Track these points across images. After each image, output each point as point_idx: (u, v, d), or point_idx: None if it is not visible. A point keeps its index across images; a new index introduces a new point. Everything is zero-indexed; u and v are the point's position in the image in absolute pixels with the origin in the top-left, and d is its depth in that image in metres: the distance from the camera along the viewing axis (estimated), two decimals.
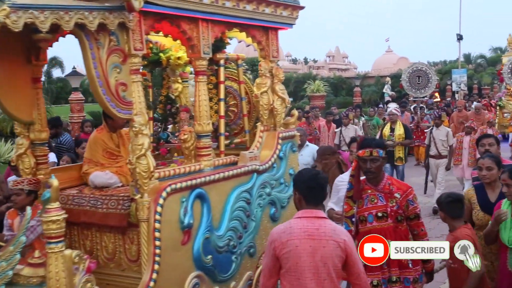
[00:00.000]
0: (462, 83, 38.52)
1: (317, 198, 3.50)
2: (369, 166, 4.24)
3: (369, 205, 4.33)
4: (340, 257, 3.37)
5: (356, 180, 4.34)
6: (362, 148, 4.29)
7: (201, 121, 4.92)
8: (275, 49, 5.72)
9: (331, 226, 3.46)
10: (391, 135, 10.64)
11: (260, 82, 5.62)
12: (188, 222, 4.52)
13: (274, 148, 5.58)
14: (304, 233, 3.36)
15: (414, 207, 4.30)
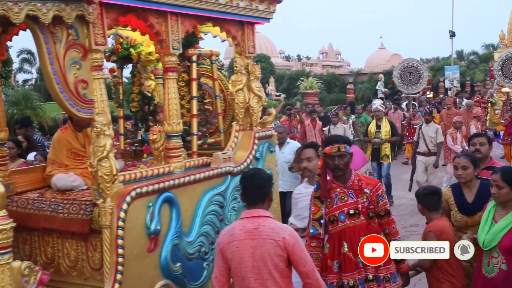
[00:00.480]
0: (455, 79, 38.43)
1: (255, 198, 3.48)
2: (337, 162, 4.05)
3: (339, 203, 4.13)
4: (280, 256, 3.32)
5: (323, 179, 4.13)
6: (329, 144, 4.10)
7: (170, 120, 4.65)
8: (251, 44, 5.44)
9: (271, 224, 3.41)
10: (377, 132, 10.35)
11: (236, 79, 5.35)
12: (155, 228, 4.25)
13: (250, 148, 5.31)
14: (244, 234, 3.37)
15: (384, 202, 4.16)
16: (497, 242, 3.95)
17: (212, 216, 4.81)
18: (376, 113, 10.77)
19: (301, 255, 3.39)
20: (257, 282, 3.33)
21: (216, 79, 5.54)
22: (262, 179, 3.55)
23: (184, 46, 5.02)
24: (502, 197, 4.00)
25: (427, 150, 10.02)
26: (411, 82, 14.36)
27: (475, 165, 4.62)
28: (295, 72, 49.59)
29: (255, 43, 5.50)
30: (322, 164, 4.14)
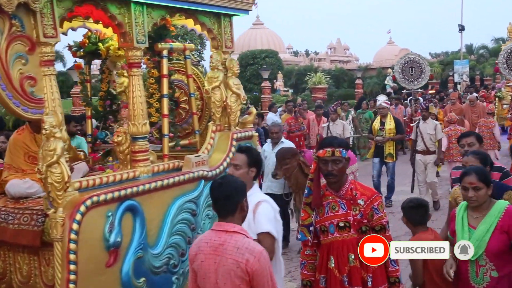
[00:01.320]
0: (464, 74, 37.84)
1: (223, 210, 3.07)
2: (331, 168, 3.59)
3: (330, 213, 3.69)
4: (241, 279, 2.94)
5: (316, 185, 3.69)
6: (322, 147, 3.65)
7: (135, 121, 4.22)
8: (229, 38, 4.99)
9: (237, 243, 2.98)
10: (381, 129, 9.70)
11: (212, 76, 4.92)
12: (115, 240, 3.83)
13: (228, 150, 4.88)
14: (209, 248, 3.04)
15: (380, 216, 3.63)
16: (484, 248, 3.56)
17: (183, 225, 4.38)
18: (381, 110, 10.06)
19: (264, 281, 2.96)
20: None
21: (191, 75, 5.09)
22: (232, 188, 3.07)
23: (154, 40, 4.59)
24: (481, 199, 3.62)
25: (425, 148, 9.39)
26: (413, 77, 13.70)
27: (485, 165, 4.20)
28: (303, 68, 49.04)
29: (233, 36, 5.04)
30: (315, 169, 3.69)
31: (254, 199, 3.63)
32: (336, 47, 65.99)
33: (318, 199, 3.70)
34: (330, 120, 11.38)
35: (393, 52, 57.36)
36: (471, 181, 3.61)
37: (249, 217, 3.40)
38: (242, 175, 3.66)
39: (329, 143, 3.66)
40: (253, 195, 3.67)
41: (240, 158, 3.81)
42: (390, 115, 10.13)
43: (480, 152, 4.46)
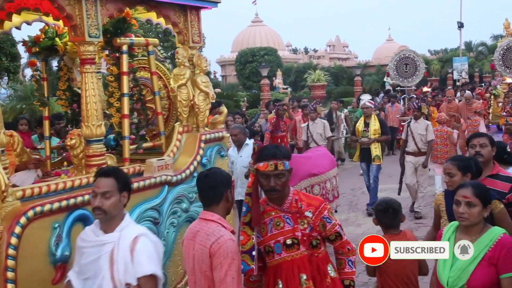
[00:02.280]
0: (463, 71, 37.47)
1: (206, 199, 3.17)
2: (274, 183, 3.11)
3: (274, 231, 3.21)
4: (206, 264, 2.99)
5: (255, 200, 3.19)
6: (263, 159, 3.13)
7: (89, 122, 3.83)
8: (196, 32, 4.58)
9: (209, 229, 3.04)
10: (365, 130, 9.00)
11: (178, 73, 4.52)
12: (62, 254, 3.46)
13: (195, 153, 4.47)
14: (190, 234, 3.14)
15: (333, 224, 3.24)
16: (465, 280, 3.01)
17: None
18: (364, 109, 9.24)
19: (216, 267, 2.94)
20: (195, 285, 3.09)
21: (155, 72, 4.67)
22: (216, 179, 3.15)
23: (112, 34, 4.19)
24: (473, 218, 3.06)
25: (417, 149, 8.73)
26: (407, 74, 13.16)
27: (465, 170, 3.73)
28: (303, 65, 48.56)
29: (201, 30, 4.63)
30: (253, 182, 3.18)
31: (129, 233, 2.95)
32: (335, 45, 65.31)
33: (258, 216, 3.20)
34: (310, 119, 10.49)
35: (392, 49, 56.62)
36: (465, 194, 3.08)
37: (126, 257, 2.89)
38: (114, 205, 2.96)
39: (272, 154, 3.14)
40: (127, 228, 3.00)
41: (107, 184, 2.98)
42: (374, 115, 9.45)
43: (463, 158, 3.95)
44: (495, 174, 4.01)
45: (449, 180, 3.74)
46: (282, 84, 40.95)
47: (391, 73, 13.80)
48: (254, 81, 43.04)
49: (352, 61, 58.07)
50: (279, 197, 3.19)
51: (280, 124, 10.36)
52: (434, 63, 47.23)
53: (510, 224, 3.60)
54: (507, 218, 3.64)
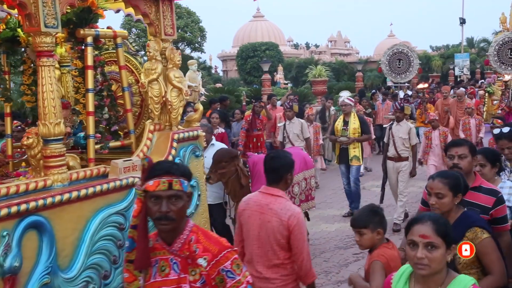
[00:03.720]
0: (465, 67, 37.07)
1: (270, 178, 3.59)
2: (166, 208, 2.38)
3: (157, 277, 2.49)
4: (282, 234, 3.47)
5: (142, 235, 2.48)
6: (153, 176, 2.42)
7: (46, 120, 3.47)
8: (169, 24, 4.23)
9: (280, 204, 3.51)
10: (345, 129, 8.42)
11: (149, 68, 4.17)
12: (11, 264, 3.10)
13: (167, 153, 4.12)
14: (256, 206, 3.55)
15: (237, 281, 2.42)
16: None
17: (107, 242, 3.64)
18: (343, 107, 8.58)
19: (297, 237, 3.46)
20: (260, 249, 3.54)
21: (123, 67, 4.32)
22: (278, 163, 3.59)
23: (76, 25, 3.84)
24: (435, 264, 2.34)
25: (396, 154, 7.93)
26: (400, 70, 12.57)
27: (456, 190, 3.20)
28: (304, 60, 48.18)
29: (174, 22, 4.28)
30: (139, 210, 2.47)
31: None
32: (337, 40, 64.73)
33: (144, 257, 2.47)
34: (286, 118, 9.64)
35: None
36: (424, 233, 2.33)
37: None
38: None
39: (165, 170, 2.43)
40: None
41: None
42: (354, 113, 8.80)
43: (452, 174, 3.32)
44: (477, 187, 3.59)
45: (437, 202, 3.18)
46: (283, 79, 40.67)
47: (384, 69, 13.15)
48: (255, 76, 42.73)
49: (353, 57, 57.56)
50: (173, 230, 2.42)
51: (256, 122, 9.82)
52: (436, 59, 46.83)
53: (497, 259, 3.11)
54: (494, 252, 3.11)
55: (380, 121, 14.17)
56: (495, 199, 3.53)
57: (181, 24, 37.26)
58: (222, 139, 7.88)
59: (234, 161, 5.74)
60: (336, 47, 63.30)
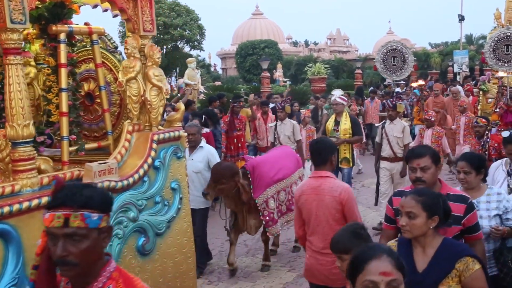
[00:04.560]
0: (464, 64, 36.75)
1: (318, 161, 4.06)
2: (61, 251, 1.87)
3: None
4: (336, 208, 3.94)
5: (43, 279, 2.04)
6: (51, 206, 1.94)
7: (14, 122, 3.25)
8: (148, 20, 3.99)
9: (330, 183, 3.99)
10: (335, 130, 7.97)
11: (127, 66, 3.93)
12: None
13: (146, 155, 3.90)
14: (310, 190, 4.02)
15: None
16: None
17: None
18: (334, 106, 8.11)
19: (350, 208, 3.93)
20: (319, 227, 3.99)
21: (100, 65, 4.09)
22: (323, 147, 4.07)
23: (48, 21, 3.61)
24: None
25: (392, 154, 7.57)
26: (395, 67, 12.15)
27: (432, 211, 2.78)
28: (303, 58, 47.86)
29: (154, 17, 4.05)
30: (43, 247, 2.03)
31: None
32: (336, 38, 64.32)
33: None
34: (278, 119, 9.09)
35: None
36: (384, 270, 1.97)
37: None
38: None
39: (61, 200, 1.90)
40: None
41: None
42: (346, 113, 8.29)
43: (429, 192, 2.92)
44: (445, 195, 3.19)
45: (408, 223, 2.77)
46: (283, 77, 40.40)
47: (378, 67, 12.69)
48: (254, 74, 42.47)
49: (352, 54, 57.22)
50: (79, 276, 1.93)
51: (236, 123, 9.40)
52: (435, 56, 46.58)
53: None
54: (485, 284, 2.74)
55: (370, 120, 13.68)
56: (466, 206, 3.25)
57: (180, 22, 36.98)
58: (208, 140, 7.65)
59: (234, 178, 5.59)
60: (335, 45, 62.92)
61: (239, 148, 9.32)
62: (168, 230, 4.01)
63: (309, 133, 9.60)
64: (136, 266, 3.78)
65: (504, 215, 3.77)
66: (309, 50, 58.63)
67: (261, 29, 54.89)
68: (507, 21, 13.46)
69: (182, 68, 27.12)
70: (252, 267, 6.46)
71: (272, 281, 6.02)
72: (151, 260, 3.89)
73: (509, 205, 3.79)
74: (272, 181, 5.94)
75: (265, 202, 5.81)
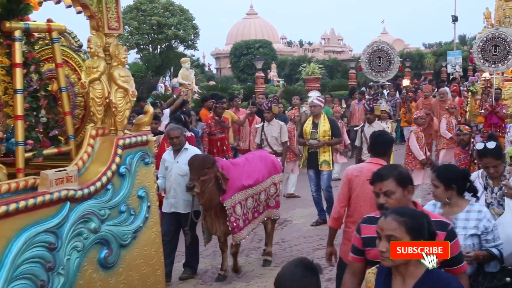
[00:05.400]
0: (457, 65, 36.58)
1: (378, 152, 4.16)
2: None
3: None
4: None
5: None
6: None
7: None
8: (113, 17, 3.71)
9: None
10: (314, 132, 7.59)
11: (90, 66, 3.65)
12: None
13: (110, 161, 3.62)
14: (370, 173, 3.44)
15: None
16: None
17: (33, 265, 3.13)
18: (312, 108, 7.74)
19: None
20: (372, 208, 3.46)
21: (60, 64, 3.79)
22: (385, 139, 4.27)
23: (1, 17, 3.33)
24: None
25: None
26: (381, 68, 11.78)
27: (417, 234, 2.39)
28: (297, 58, 47.53)
29: (120, 15, 3.76)
30: None
31: None
32: (330, 38, 63.93)
33: None
34: (265, 120, 8.72)
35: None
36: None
37: None
38: None
39: None
40: None
41: None
42: (324, 115, 7.91)
43: (412, 212, 2.52)
44: None
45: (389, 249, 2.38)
46: (277, 77, 40.16)
47: (363, 67, 12.22)
48: (248, 74, 42.14)
49: (347, 54, 56.95)
50: None
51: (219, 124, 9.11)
52: (429, 57, 46.42)
53: None
54: None
55: (356, 122, 13.17)
56: (445, 234, 2.75)
57: (174, 21, 36.58)
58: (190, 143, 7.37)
59: (214, 168, 5.28)
60: (330, 45, 62.53)
61: (223, 152, 8.99)
62: (134, 241, 3.73)
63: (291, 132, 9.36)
64: (98, 280, 3.51)
65: (484, 235, 3.34)
66: (303, 50, 58.25)
67: (255, 29, 54.46)
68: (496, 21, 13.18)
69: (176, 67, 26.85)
70: (246, 267, 6.31)
71: (266, 281, 5.82)
72: (114, 273, 3.62)
73: (490, 225, 3.35)
74: (242, 187, 5.64)
75: (232, 207, 5.49)
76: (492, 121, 9.65)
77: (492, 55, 9.84)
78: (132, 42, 35.69)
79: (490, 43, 9.85)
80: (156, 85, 26.73)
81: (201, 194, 5.25)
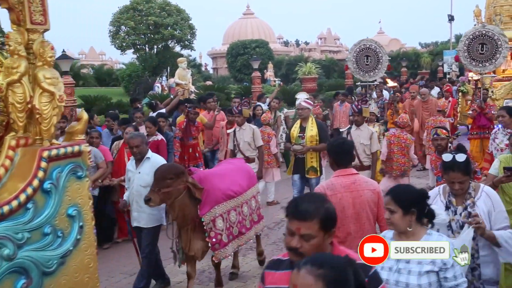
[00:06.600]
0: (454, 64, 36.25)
1: (346, 160, 4.01)
2: None
3: None
4: (374, 202, 3.92)
5: None
6: None
7: None
8: (38, 10, 3.18)
9: (363, 179, 4.05)
10: (301, 136, 6.99)
11: (10, 66, 3.12)
12: None
13: (32, 175, 3.09)
14: (343, 188, 3.86)
15: None
16: None
17: None
18: (300, 111, 7.14)
19: (382, 203, 3.74)
20: (355, 225, 3.85)
21: None
22: (350, 146, 4.13)
23: None
24: None
25: (358, 162, 6.71)
26: (368, 67, 11.17)
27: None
28: (294, 58, 47.12)
29: (46, 8, 3.23)
30: None
31: None
32: (327, 37, 63.46)
33: None
34: (236, 124, 8.15)
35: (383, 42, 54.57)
36: None
37: None
38: None
39: None
40: None
41: None
42: (313, 118, 7.29)
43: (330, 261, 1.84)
44: None
45: None
46: (274, 77, 39.83)
47: (350, 66, 11.60)
48: (245, 74, 41.71)
49: (343, 54, 56.39)
50: None
51: (192, 130, 8.44)
52: (425, 56, 46.11)
53: None
54: None
55: (337, 124, 12.41)
56: (367, 281, 2.11)
57: (170, 21, 36.12)
58: (158, 149, 6.78)
59: (181, 178, 4.66)
60: (326, 44, 62.04)
61: (195, 159, 8.35)
62: (61, 267, 3.19)
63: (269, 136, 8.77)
64: None
65: (442, 273, 2.76)
66: (300, 50, 57.81)
67: (252, 29, 53.96)
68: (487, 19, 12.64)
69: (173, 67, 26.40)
70: (243, 267, 6.14)
71: None
72: None
73: (449, 261, 2.77)
74: (222, 198, 5.03)
75: (212, 222, 4.88)
76: (481, 123, 9.12)
77: (479, 53, 9.26)
78: (128, 42, 35.27)
79: (476, 41, 9.27)
80: (153, 85, 26.38)
81: (171, 208, 4.69)
